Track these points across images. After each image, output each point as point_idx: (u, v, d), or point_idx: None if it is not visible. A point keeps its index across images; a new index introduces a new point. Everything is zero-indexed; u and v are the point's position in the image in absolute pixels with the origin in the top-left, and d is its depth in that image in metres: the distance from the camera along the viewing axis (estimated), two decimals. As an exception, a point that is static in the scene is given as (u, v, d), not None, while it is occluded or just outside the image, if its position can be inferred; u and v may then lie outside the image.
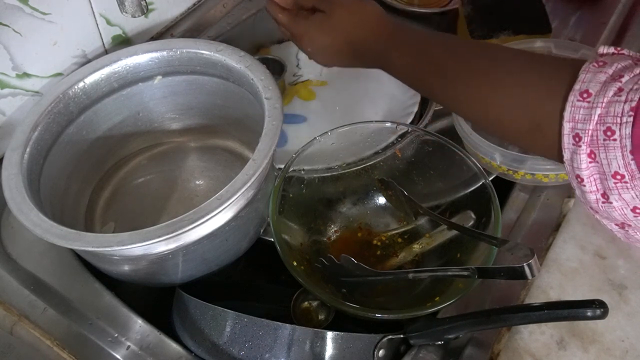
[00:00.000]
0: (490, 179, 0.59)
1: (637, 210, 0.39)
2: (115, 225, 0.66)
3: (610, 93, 0.38)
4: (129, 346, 0.55)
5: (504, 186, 0.65)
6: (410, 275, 0.56)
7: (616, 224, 0.43)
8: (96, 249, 0.50)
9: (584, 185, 0.40)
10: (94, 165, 0.68)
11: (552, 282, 0.57)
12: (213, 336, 0.52)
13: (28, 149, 0.56)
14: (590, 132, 0.38)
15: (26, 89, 0.64)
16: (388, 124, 0.64)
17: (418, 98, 0.72)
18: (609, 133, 0.37)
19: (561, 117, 0.40)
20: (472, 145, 0.64)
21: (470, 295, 0.53)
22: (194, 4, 0.83)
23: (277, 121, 0.55)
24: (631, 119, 0.36)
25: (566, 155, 0.40)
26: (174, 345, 0.55)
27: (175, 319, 0.57)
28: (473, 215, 0.60)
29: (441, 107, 0.72)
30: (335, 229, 0.66)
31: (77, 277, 0.60)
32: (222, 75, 0.64)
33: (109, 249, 0.49)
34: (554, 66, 0.44)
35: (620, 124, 0.37)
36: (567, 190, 0.65)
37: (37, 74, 0.64)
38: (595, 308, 0.43)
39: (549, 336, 0.53)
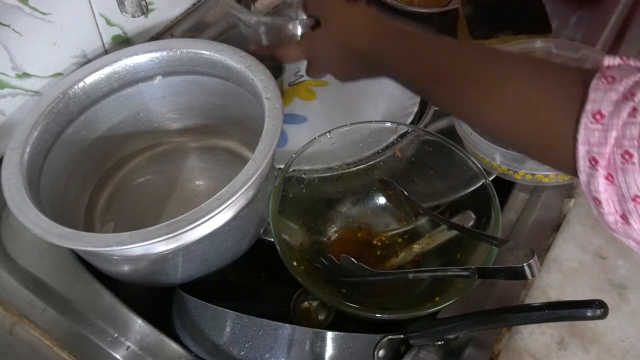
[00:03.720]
0: (490, 179, 0.59)
1: None
2: (115, 225, 0.66)
3: (625, 114, 0.37)
4: (128, 346, 0.55)
5: (504, 186, 0.65)
6: (410, 275, 0.56)
7: (636, 243, 0.42)
8: (96, 249, 0.50)
9: (602, 208, 0.39)
10: (93, 165, 0.68)
11: (552, 282, 0.57)
12: (213, 336, 0.52)
13: (28, 149, 0.56)
14: (606, 155, 0.37)
15: (26, 89, 0.64)
16: (388, 124, 0.64)
17: (418, 98, 0.72)
18: (626, 156, 0.37)
19: (574, 138, 0.39)
20: (472, 145, 0.64)
21: (470, 295, 0.53)
22: (194, 4, 0.83)
23: (277, 121, 0.55)
24: None
25: (582, 177, 0.40)
26: (173, 346, 0.55)
27: (175, 319, 0.57)
28: (473, 215, 0.60)
29: (441, 107, 0.72)
30: (335, 229, 0.66)
31: (77, 277, 0.59)
32: (222, 75, 0.64)
33: (108, 249, 0.49)
34: (563, 78, 0.42)
35: (638, 146, 0.36)
36: (567, 190, 0.65)
37: (37, 74, 0.64)
38: (595, 308, 0.43)
39: (549, 336, 0.53)
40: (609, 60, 0.41)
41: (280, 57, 0.62)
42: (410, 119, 0.70)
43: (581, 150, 0.39)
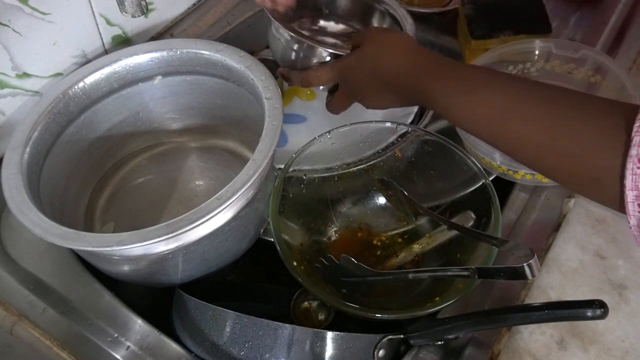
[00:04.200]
0: (490, 179, 0.59)
1: None
2: (115, 225, 0.66)
3: None
4: (128, 346, 0.55)
5: (504, 186, 0.65)
6: (410, 276, 0.56)
7: None
8: (96, 249, 0.50)
9: None
10: (94, 165, 0.68)
11: (552, 282, 0.57)
12: (213, 336, 0.52)
13: (28, 149, 0.56)
14: None
15: (26, 89, 0.64)
16: (388, 124, 0.64)
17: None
18: None
19: (621, 176, 0.39)
20: (472, 145, 0.64)
21: (470, 295, 0.53)
22: (194, 4, 0.83)
23: (277, 121, 0.55)
24: None
25: (632, 221, 0.40)
26: (173, 346, 0.55)
27: (175, 319, 0.57)
28: (473, 215, 0.60)
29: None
30: (335, 229, 0.66)
31: (77, 277, 0.60)
32: (222, 75, 0.64)
33: (108, 248, 0.49)
34: (606, 113, 0.42)
35: None
36: (567, 190, 0.65)
37: (37, 74, 0.64)
38: (595, 308, 0.43)
39: (549, 336, 0.53)
40: None
41: (310, 79, 0.60)
42: (410, 119, 0.70)
43: (629, 195, 0.39)
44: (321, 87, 0.64)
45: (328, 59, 0.62)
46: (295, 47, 0.63)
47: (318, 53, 0.62)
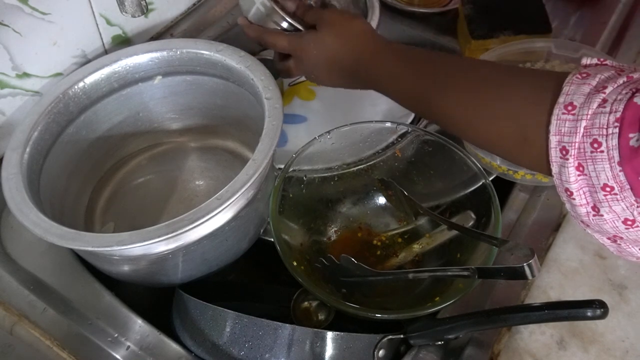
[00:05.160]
0: (490, 179, 0.59)
1: (629, 222, 0.38)
2: (115, 225, 0.66)
3: (595, 105, 0.37)
4: (128, 346, 0.55)
5: (504, 186, 0.65)
6: (410, 275, 0.56)
7: (608, 238, 0.42)
8: (96, 249, 0.50)
9: (574, 199, 0.40)
10: (94, 165, 0.68)
11: (552, 282, 0.57)
12: (213, 336, 0.52)
13: (28, 149, 0.56)
14: (577, 144, 0.38)
15: (26, 89, 0.64)
16: (388, 124, 0.64)
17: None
18: (595, 145, 0.37)
19: (547, 131, 0.40)
20: (472, 145, 0.64)
21: (470, 295, 0.53)
22: (194, 4, 0.83)
23: (277, 121, 0.55)
24: (617, 130, 0.36)
25: (554, 168, 0.40)
26: (173, 346, 0.55)
27: (175, 319, 0.57)
28: (473, 215, 0.60)
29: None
30: (335, 229, 0.66)
31: (77, 277, 0.60)
32: (222, 75, 0.64)
33: (108, 248, 0.49)
34: (538, 79, 0.44)
35: (607, 135, 0.36)
36: (567, 190, 0.64)
37: (37, 74, 0.64)
38: (595, 308, 0.43)
39: (549, 336, 0.53)
40: (587, 60, 0.42)
41: (266, 39, 0.62)
42: (410, 119, 0.70)
43: (553, 140, 0.39)
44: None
45: (285, 25, 0.62)
46: (262, 4, 0.62)
47: (278, 19, 0.62)
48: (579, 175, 0.39)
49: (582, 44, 0.72)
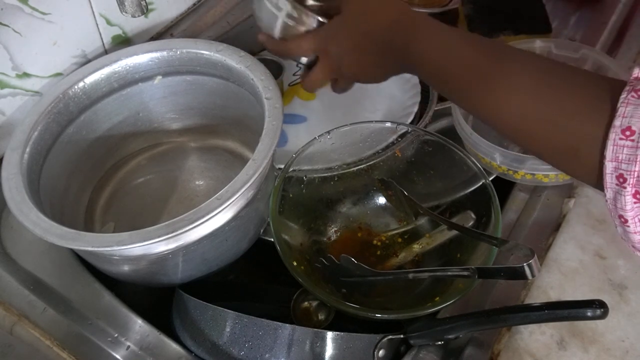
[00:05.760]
0: (490, 179, 0.59)
1: None
2: (115, 225, 0.66)
3: None
4: (128, 346, 0.55)
5: (504, 186, 0.65)
6: (410, 275, 0.56)
7: None
8: (96, 249, 0.50)
9: (628, 226, 0.39)
10: (94, 165, 0.68)
11: (552, 282, 0.57)
12: (213, 336, 0.52)
13: (28, 149, 0.56)
14: (636, 173, 0.36)
15: (26, 89, 0.64)
16: (388, 124, 0.64)
17: (418, 98, 0.72)
18: None
19: (602, 148, 0.38)
20: (472, 145, 0.64)
21: (470, 295, 0.53)
22: (194, 4, 0.83)
23: (277, 121, 0.55)
24: None
25: (608, 194, 0.39)
26: (173, 346, 0.55)
27: (175, 319, 0.57)
28: (473, 215, 0.60)
29: (441, 107, 0.72)
30: (335, 229, 0.66)
31: (77, 277, 0.59)
32: (222, 75, 0.64)
33: (108, 249, 0.49)
34: (593, 86, 0.41)
35: None
36: (567, 190, 0.65)
37: (37, 74, 0.64)
38: (595, 308, 0.43)
39: (549, 336, 0.53)
40: (638, 72, 0.39)
41: (290, 48, 0.56)
42: (410, 119, 0.70)
43: (609, 166, 0.38)
44: (303, 60, 0.58)
45: (315, 25, 0.56)
46: (283, 12, 0.56)
47: (306, 20, 0.56)
48: (635, 203, 0.37)
49: (582, 44, 0.72)
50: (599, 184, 0.39)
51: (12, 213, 0.50)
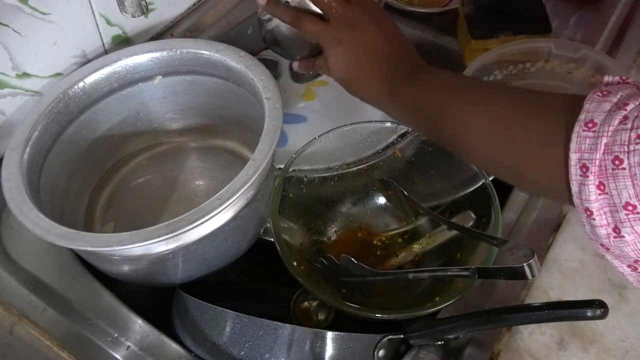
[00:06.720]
0: (490, 179, 0.59)
1: None
2: (115, 225, 0.66)
3: (616, 121, 0.37)
4: (128, 346, 0.55)
5: (504, 186, 0.65)
6: (410, 275, 0.56)
7: (628, 266, 0.41)
8: (96, 249, 0.50)
9: (594, 219, 0.39)
10: (94, 165, 0.68)
11: (552, 282, 0.57)
12: (213, 336, 0.52)
13: (28, 149, 0.56)
14: (597, 161, 0.37)
15: (26, 89, 0.64)
16: (388, 124, 0.64)
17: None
18: (617, 162, 0.36)
19: (567, 147, 0.39)
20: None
21: (470, 295, 0.53)
22: (194, 4, 0.83)
23: (277, 121, 0.55)
24: (639, 146, 0.35)
25: (574, 187, 0.39)
26: (173, 346, 0.55)
27: (175, 319, 0.57)
28: (473, 215, 0.60)
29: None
30: (335, 229, 0.66)
31: (77, 277, 0.59)
32: (222, 75, 0.64)
33: (109, 248, 0.49)
34: (557, 111, 0.42)
35: (628, 152, 0.36)
36: (567, 190, 0.64)
37: (37, 74, 0.64)
38: (595, 308, 0.43)
39: (549, 336, 0.53)
40: (609, 78, 0.41)
41: (303, 25, 0.56)
42: (410, 119, 0.70)
43: (573, 158, 0.38)
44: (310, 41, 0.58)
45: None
46: None
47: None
48: (599, 194, 0.38)
49: (582, 44, 0.72)
50: (570, 197, 0.40)
51: (12, 213, 0.50)
